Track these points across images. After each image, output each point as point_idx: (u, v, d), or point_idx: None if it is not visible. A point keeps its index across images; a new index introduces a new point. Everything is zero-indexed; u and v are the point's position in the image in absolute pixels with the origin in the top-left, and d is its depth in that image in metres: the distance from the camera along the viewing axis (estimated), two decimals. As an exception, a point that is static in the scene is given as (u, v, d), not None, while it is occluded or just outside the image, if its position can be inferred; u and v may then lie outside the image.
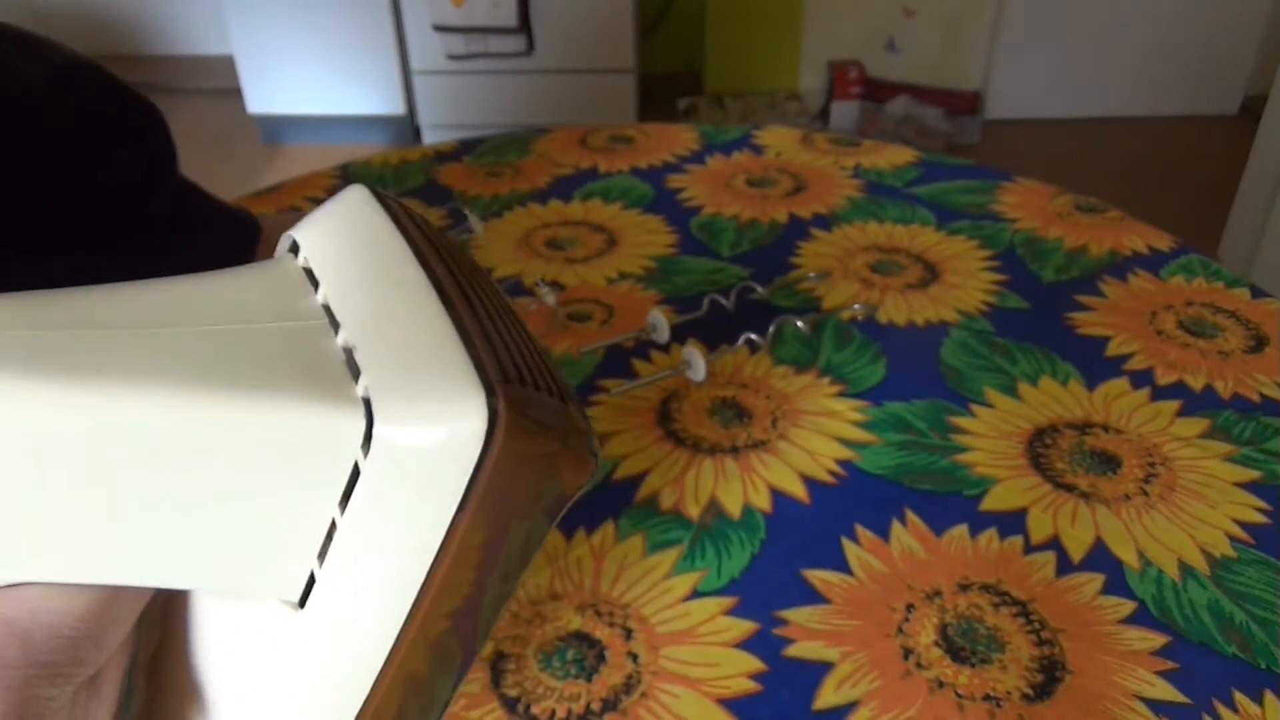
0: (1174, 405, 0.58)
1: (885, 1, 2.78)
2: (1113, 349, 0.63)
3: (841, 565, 0.48)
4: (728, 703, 0.42)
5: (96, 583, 0.20)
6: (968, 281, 0.71)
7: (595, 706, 0.42)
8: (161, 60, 3.09)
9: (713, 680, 0.43)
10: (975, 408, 0.58)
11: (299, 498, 0.20)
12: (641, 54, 2.51)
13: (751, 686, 0.42)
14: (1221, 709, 0.41)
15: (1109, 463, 0.54)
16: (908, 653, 0.44)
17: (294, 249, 0.23)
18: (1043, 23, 2.67)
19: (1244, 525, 0.50)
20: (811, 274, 0.71)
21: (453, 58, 2.38)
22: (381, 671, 0.23)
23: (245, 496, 0.20)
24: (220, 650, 0.24)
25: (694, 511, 0.51)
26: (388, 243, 0.22)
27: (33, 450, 0.18)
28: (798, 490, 0.53)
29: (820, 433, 0.56)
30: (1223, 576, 0.47)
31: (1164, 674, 0.43)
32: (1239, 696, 0.41)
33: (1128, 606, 0.46)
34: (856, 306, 0.68)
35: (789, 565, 0.48)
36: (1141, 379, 0.60)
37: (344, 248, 0.22)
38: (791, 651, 0.44)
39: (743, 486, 0.53)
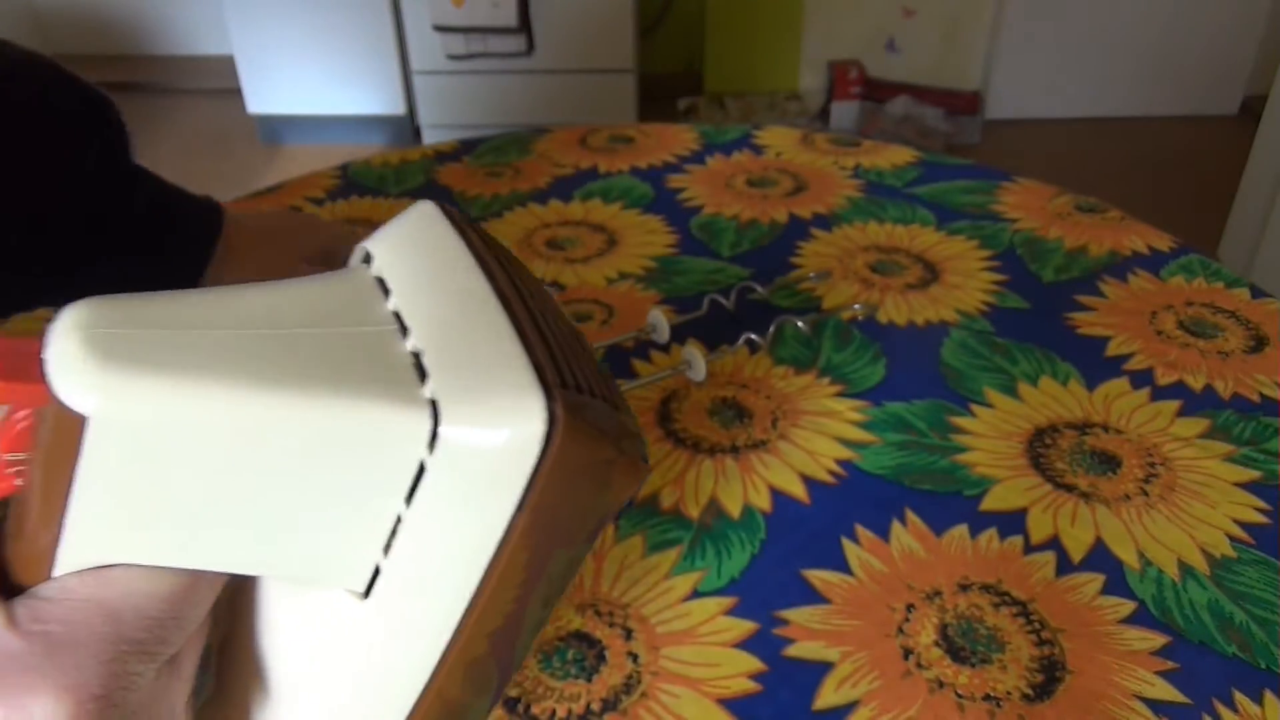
0: (1174, 405, 0.58)
1: (885, 1, 2.78)
2: (1113, 349, 0.63)
3: (842, 565, 0.48)
4: (728, 703, 0.42)
5: (181, 567, 0.22)
6: (968, 281, 0.71)
7: (595, 706, 0.42)
8: (161, 60, 3.09)
9: (713, 680, 0.43)
10: (975, 408, 0.58)
11: (369, 492, 0.22)
12: (641, 54, 2.52)
13: (751, 686, 0.42)
14: (1221, 709, 0.41)
15: (1109, 463, 0.54)
16: (908, 653, 0.44)
17: (367, 259, 0.24)
18: (1043, 23, 2.67)
19: (1244, 525, 0.50)
20: (812, 274, 0.71)
21: (453, 58, 2.38)
22: (435, 668, 0.24)
23: (322, 489, 0.22)
24: (285, 637, 0.25)
25: (694, 511, 0.51)
26: (453, 254, 0.23)
27: (138, 440, 0.20)
28: (798, 490, 0.53)
29: (820, 433, 0.56)
30: (1223, 576, 0.47)
31: (1164, 674, 0.43)
32: (1239, 696, 0.41)
33: (1128, 606, 0.46)
34: (856, 306, 0.68)
35: (789, 565, 0.48)
36: (1141, 379, 0.60)
37: (413, 259, 0.24)
38: (791, 651, 0.44)
39: (743, 486, 0.53)
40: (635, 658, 0.44)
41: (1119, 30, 2.68)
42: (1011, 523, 0.50)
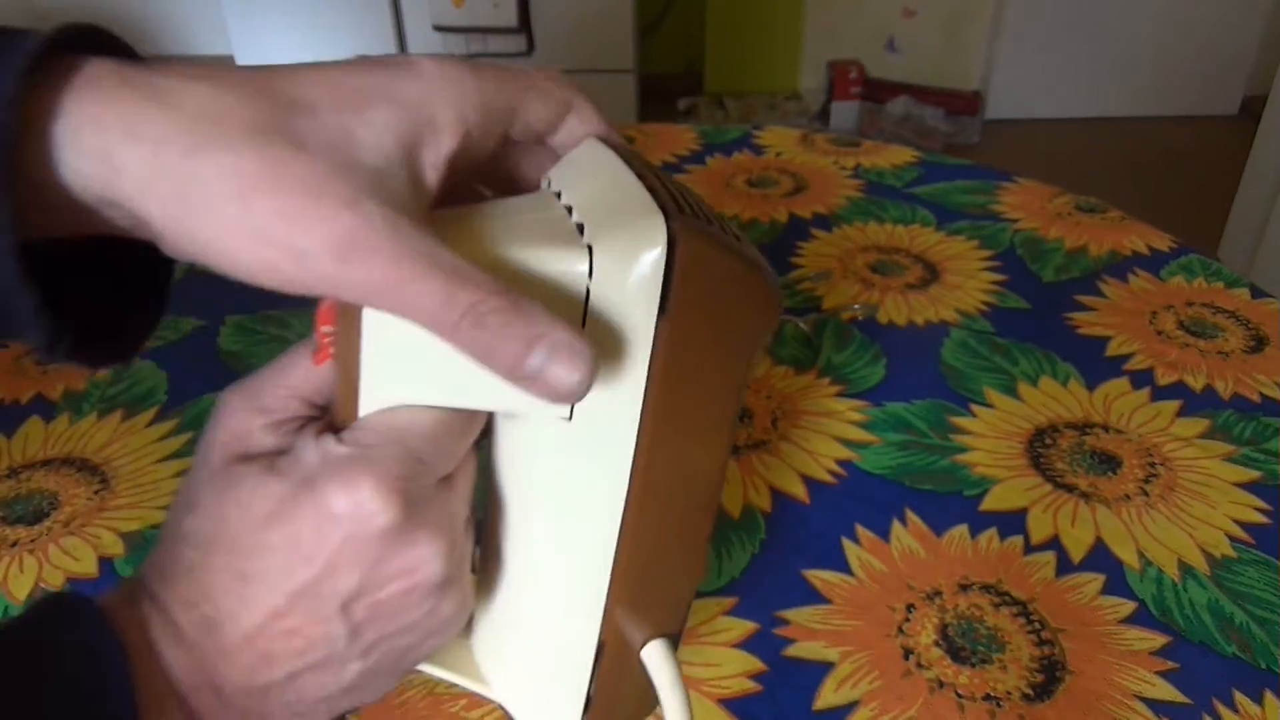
0: (1174, 405, 0.58)
1: (885, 1, 2.78)
2: (1113, 349, 0.63)
3: (842, 565, 0.48)
4: (728, 703, 0.42)
5: (449, 405, 0.29)
6: (968, 282, 0.71)
7: (595, 706, 0.42)
8: (161, 60, 3.09)
9: (713, 680, 0.43)
10: (975, 408, 0.58)
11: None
12: (641, 54, 2.51)
13: (752, 687, 0.42)
14: (1221, 709, 0.41)
15: (1109, 463, 0.54)
16: (908, 653, 0.44)
17: (548, 183, 0.32)
18: (1043, 23, 2.67)
19: (1244, 525, 0.50)
20: (811, 274, 0.71)
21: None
22: (626, 496, 0.30)
23: None
24: (514, 466, 0.32)
25: (694, 511, 0.51)
26: (606, 163, 0.31)
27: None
28: (798, 490, 0.53)
29: (820, 433, 0.56)
30: (1223, 576, 0.47)
31: (1164, 674, 0.43)
32: (1239, 696, 0.41)
33: (1128, 606, 0.46)
34: (856, 306, 0.68)
35: (789, 565, 0.48)
36: (1141, 379, 0.60)
37: (577, 172, 0.32)
38: (791, 651, 0.44)
39: (743, 486, 0.53)
40: (635, 658, 0.44)
41: (1119, 30, 2.68)
42: (1012, 523, 0.50)
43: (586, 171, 0.31)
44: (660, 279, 0.27)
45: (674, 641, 0.34)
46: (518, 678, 0.35)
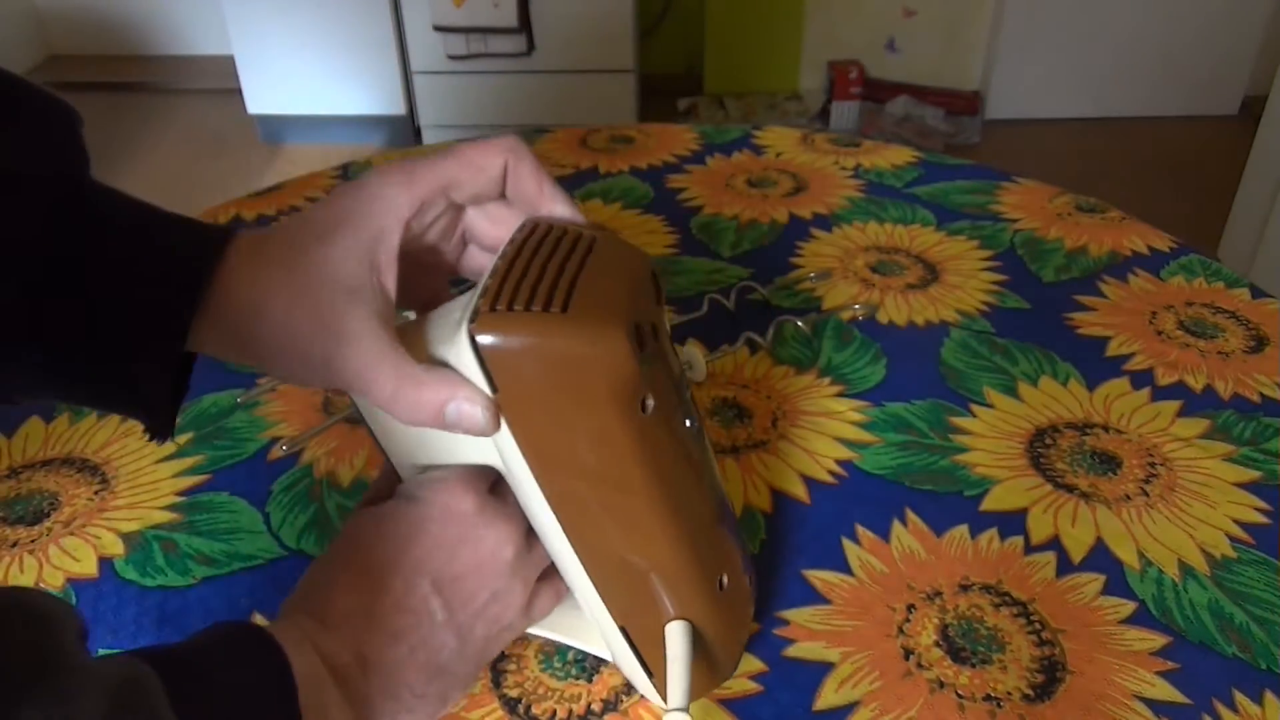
0: (1174, 405, 0.58)
1: (885, 2, 2.78)
2: (1113, 349, 0.63)
3: (842, 565, 0.48)
4: (728, 703, 0.42)
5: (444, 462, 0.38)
6: (968, 282, 0.71)
7: (596, 707, 0.42)
8: (161, 60, 3.08)
9: (713, 680, 0.43)
10: (975, 408, 0.58)
11: None
12: (641, 54, 2.51)
13: (752, 687, 0.42)
14: (1221, 709, 0.41)
15: (1109, 463, 0.54)
16: (908, 653, 0.44)
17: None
18: (1043, 23, 2.67)
19: (1244, 525, 0.50)
20: (811, 274, 0.72)
21: (453, 58, 2.38)
22: (555, 513, 0.36)
23: None
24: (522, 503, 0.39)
25: (694, 512, 0.51)
26: (501, 253, 0.37)
27: None
28: (798, 490, 0.53)
29: (820, 433, 0.56)
30: (1223, 577, 0.47)
31: (1164, 674, 0.43)
32: (1239, 697, 0.41)
33: (1128, 607, 0.46)
34: (856, 307, 0.68)
35: (789, 565, 0.48)
36: (1142, 379, 0.60)
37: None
38: (792, 652, 0.44)
39: (743, 486, 0.53)
40: (635, 658, 0.44)
41: (1119, 30, 2.68)
42: (1012, 523, 0.50)
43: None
44: (475, 365, 0.33)
45: (695, 625, 0.38)
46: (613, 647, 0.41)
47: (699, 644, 0.38)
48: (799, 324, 0.64)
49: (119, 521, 0.52)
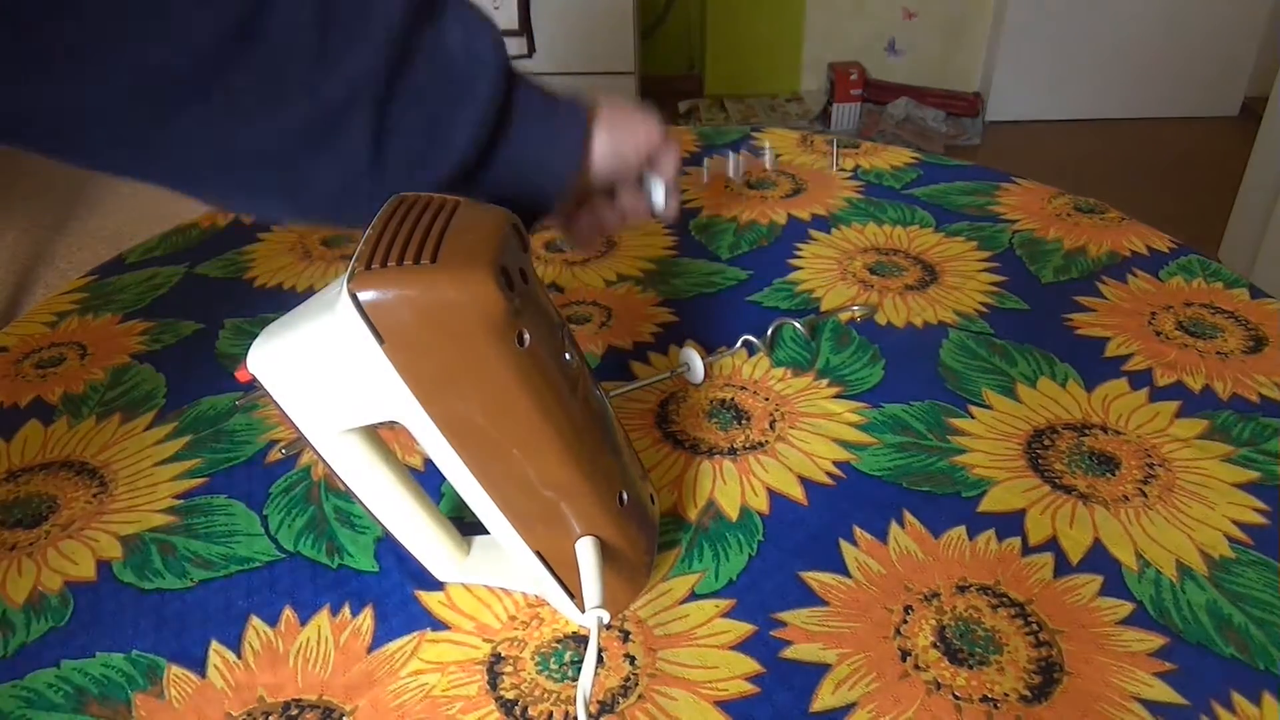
0: (1173, 406, 0.58)
1: (886, 3, 2.78)
2: (1112, 350, 0.63)
3: (839, 567, 0.48)
4: (725, 705, 0.42)
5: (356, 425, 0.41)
6: (966, 283, 0.71)
7: (592, 709, 0.42)
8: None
9: (710, 683, 0.43)
10: (974, 409, 0.58)
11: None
12: (642, 56, 2.52)
13: (749, 689, 0.42)
14: (1220, 710, 0.41)
15: (1107, 464, 0.54)
16: (905, 654, 0.44)
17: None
18: (1043, 24, 2.67)
19: (1243, 526, 0.50)
20: (810, 275, 0.71)
21: (453, 60, 2.38)
22: (452, 445, 0.39)
23: None
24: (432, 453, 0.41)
25: (692, 513, 0.51)
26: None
27: None
28: (796, 492, 0.53)
29: (818, 434, 0.56)
30: (1221, 578, 0.47)
31: (1162, 675, 0.42)
32: (1237, 698, 0.41)
33: (1126, 608, 0.46)
34: (855, 308, 0.68)
35: (787, 567, 0.48)
36: (1140, 380, 0.60)
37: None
38: (789, 654, 0.44)
39: (741, 488, 0.53)
40: (633, 660, 0.44)
41: (1119, 32, 2.68)
42: (1010, 524, 0.50)
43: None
44: (360, 320, 0.36)
45: (603, 540, 0.42)
46: (537, 580, 0.45)
47: (611, 557, 0.42)
48: (797, 325, 0.64)
49: (117, 525, 0.52)
